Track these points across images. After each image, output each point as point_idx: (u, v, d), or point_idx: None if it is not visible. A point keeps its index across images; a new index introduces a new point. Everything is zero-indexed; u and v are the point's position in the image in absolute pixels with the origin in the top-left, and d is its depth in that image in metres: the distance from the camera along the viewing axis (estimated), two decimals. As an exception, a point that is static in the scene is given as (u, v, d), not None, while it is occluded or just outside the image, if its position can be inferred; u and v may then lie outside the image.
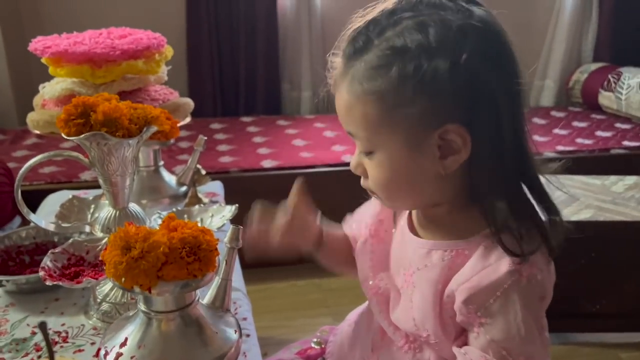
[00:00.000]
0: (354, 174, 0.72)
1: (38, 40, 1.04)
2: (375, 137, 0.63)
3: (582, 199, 1.71)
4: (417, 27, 0.58)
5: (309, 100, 2.90)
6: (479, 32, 0.58)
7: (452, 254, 0.65)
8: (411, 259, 0.69)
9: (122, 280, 0.53)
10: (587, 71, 2.95)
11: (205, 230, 0.57)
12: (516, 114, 0.62)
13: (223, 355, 0.60)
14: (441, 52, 0.57)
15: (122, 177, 0.77)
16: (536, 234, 0.62)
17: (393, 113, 0.60)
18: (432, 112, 0.59)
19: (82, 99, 0.73)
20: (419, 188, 0.65)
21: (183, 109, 1.10)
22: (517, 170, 0.63)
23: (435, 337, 0.66)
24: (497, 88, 0.59)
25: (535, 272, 0.61)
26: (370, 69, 0.60)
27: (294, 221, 0.79)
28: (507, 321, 0.60)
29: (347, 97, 0.63)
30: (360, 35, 0.62)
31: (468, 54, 0.57)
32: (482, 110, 0.59)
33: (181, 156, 2.15)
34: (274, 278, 2.05)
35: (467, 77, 0.58)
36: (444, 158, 0.61)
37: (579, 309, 1.69)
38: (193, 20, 2.71)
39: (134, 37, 1.06)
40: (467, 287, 0.62)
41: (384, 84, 0.59)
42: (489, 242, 0.63)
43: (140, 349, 0.58)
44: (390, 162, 0.63)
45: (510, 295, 0.60)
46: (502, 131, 0.60)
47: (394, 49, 0.59)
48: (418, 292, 0.67)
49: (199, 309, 0.61)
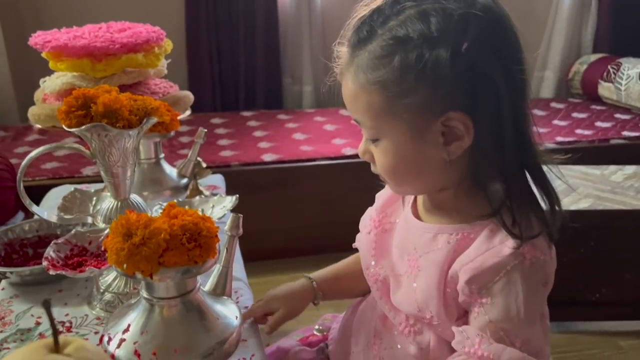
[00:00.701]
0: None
1: (38, 35, 1.05)
2: (380, 125, 0.65)
3: (581, 189, 1.72)
4: (419, 17, 0.60)
5: (311, 94, 2.91)
6: (481, 21, 0.59)
7: (458, 237, 0.66)
8: (416, 244, 0.71)
9: (124, 266, 0.54)
10: (587, 62, 2.95)
11: (206, 218, 0.59)
12: (518, 101, 0.63)
13: (224, 341, 0.61)
14: (442, 41, 0.58)
15: (123, 168, 0.78)
16: (537, 219, 0.64)
17: (396, 102, 0.62)
18: (434, 100, 0.61)
19: (82, 90, 0.74)
20: (424, 173, 0.67)
21: (183, 102, 1.10)
22: (517, 156, 0.64)
23: (438, 318, 0.67)
24: (498, 76, 0.60)
25: (539, 256, 0.63)
26: (374, 59, 0.62)
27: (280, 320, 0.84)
28: (508, 302, 0.62)
29: (352, 86, 0.65)
30: (365, 25, 0.63)
31: (469, 42, 0.58)
32: (483, 98, 0.61)
33: (182, 150, 2.17)
34: (275, 270, 2.07)
35: (468, 66, 0.59)
36: (448, 144, 0.63)
37: (579, 298, 1.70)
38: (192, 14, 2.71)
39: (134, 30, 1.07)
40: (470, 267, 0.63)
41: (387, 74, 0.61)
42: (493, 225, 0.64)
43: (143, 335, 0.59)
44: (395, 149, 0.65)
45: (513, 276, 0.62)
46: (503, 118, 0.61)
47: (396, 38, 0.60)
48: (423, 275, 0.68)
49: (200, 296, 0.62)
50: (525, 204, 0.64)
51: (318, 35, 2.84)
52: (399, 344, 0.75)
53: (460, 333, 0.64)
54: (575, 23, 3.05)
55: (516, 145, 0.63)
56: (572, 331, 1.76)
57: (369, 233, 0.79)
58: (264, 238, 2.10)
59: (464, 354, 0.63)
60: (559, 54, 3.06)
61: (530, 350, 0.61)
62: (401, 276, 0.73)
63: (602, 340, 1.73)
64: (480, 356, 0.61)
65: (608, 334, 1.75)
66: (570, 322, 1.78)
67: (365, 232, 0.80)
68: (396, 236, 0.76)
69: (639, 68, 2.66)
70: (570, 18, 3.01)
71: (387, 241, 0.77)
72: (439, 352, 0.70)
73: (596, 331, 1.76)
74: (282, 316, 0.84)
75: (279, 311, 0.84)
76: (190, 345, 0.59)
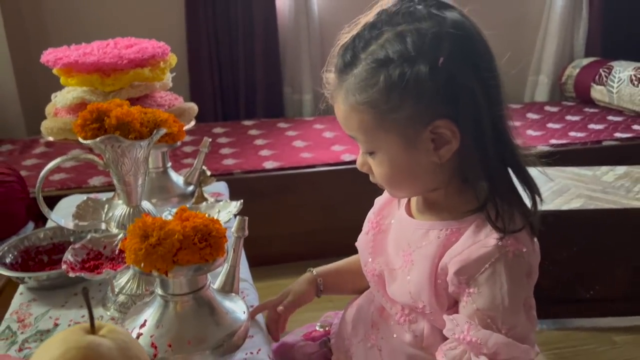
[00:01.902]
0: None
1: (49, 53, 1.10)
2: (373, 140, 0.71)
3: (573, 189, 1.77)
4: (397, 38, 0.66)
5: (311, 102, 2.96)
6: (452, 36, 0.65)
7: (447, 232, 0.72)
8: (410, 240, 0.77)
9: (142, 265, 0.60)
10: (579, 66, 3.01)
11: (215, 220, 0.64)
12: (494, 104, 0.68)
13: (233, 333, 0.67)
14: (420, 59, 0.64)
15: (134, 177, 0.83)
16: (520, 214, 0.70)
17: (385, 118, 0.68)
18: (420, 112, 0.67)
19: (96, 105, 0.79)
20: (419, 178, 0.73)
21: (188, 113, 1.16)
22: (499, 154, 0.70)
23: (430, 307, 0.73)
24: (474, 83, 0.66)
25: (522, 249, 0.68)
26: (361, 82, 0.68)
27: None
28: (493, 292, 0.67)
29: (343, 107, 0.72)
30: (348, 51, 0.70)
31: (445, 57, 0.64)
32: (463, 105, 0.66)
33: (186, 160, 2.22)
34: (278, 274, 2.11)
35: (446, 78, 0.65)
36: (438, 149, 0.69)
37: (573, 295, 1.74)
38: (192, 27, 2.77)
39: (140, 46, 1.12)
40: (458, 259, 0.69)
41: (374, 94, 0.67)
42: (479, 221, 0.70)
43: (159, 329, 0.64)
44: (390, 159, 0.72)
45: (497, 267, 0.67)
46: (482, 121, 0.67)
47: (378, 61, 0.66)
48: (416, 268, 0.74)
49: (210, 292, 0.68)
50: (508, 199, 0.70)
51: (317, 45, 2.90)
52: (395, 333, 0.80)
53: (451, 321, 0.70)
54: (567, 28, 3.11)
55: (496, 144, 0.69)
56: (567, 328, 1.81)
57: (367, 233, 0.86)
58: (266, 243, 2.15)
59: (455, 340, 0.69)
60: (552, 58, 3.12)
61: (515, 336, 0.67)
62: (395, 270, 0.78)
63: (596, 336, 1.77)
64: (469, 341, 0.67)
65: (602, 330, 1.79)
66: (566, 319, 1.83)
67: (364, 232, 0.87)
68: (391, 234, 0.82)
69: (630, 71, 2.72)
70: (562, 23, 3.07)
71: (383, 240, 0.83)
72: (432, 339, 0.76)
73: (591, 327, 1.80)
74: (292, 301, 0.91)
75: (289, 296, 0.91)
76: (202, 338, 0.64)
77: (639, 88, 2.65)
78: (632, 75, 2.69)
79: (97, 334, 0.37)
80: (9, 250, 1.00)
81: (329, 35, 2.93)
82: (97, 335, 0.37)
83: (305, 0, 2.82)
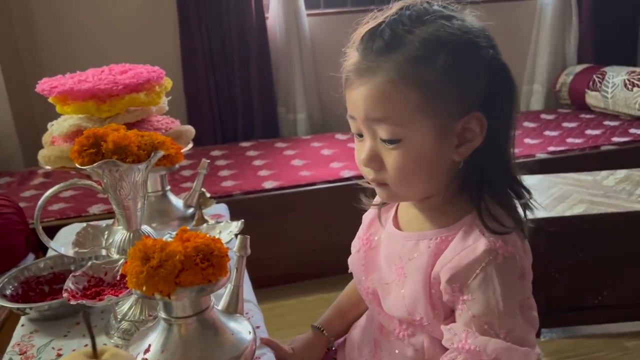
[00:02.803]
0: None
1: (44, 82, 1.10)
2: (407, 124, 0.67)
3: (574, 195, 1.77)
4: (449, 25, 0.66)
5: (305, 121, 2.97)
6: (489, 35, 0.69)
7: (437, 241, 0.72)
8: (400, 253, 0.76)
9: (143, 288, 0.58)
10: (573, 73, 3.03)
11: (216, 239, 0.63)
12: (514, 107, 0.70)
13: (239, 355, 0.65)
14: (473, 47, 0.66)
15: (133, 201, 0.83)
16: (510, 217, 0.70)
17: (431, 101, 0.66)
18: (462, 101, 0.67)
19: (92, 130, 0.79)
20: (435, 175, 0.71)
21: (185, 136, 1.16)
22: (508, 161, 0.71)
23: (427, 319, 0.72)
24: (511, 81, 0.69)
25: (512, 251, 0.68)
26: (412, 59, 0.65)
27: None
28: (487, 296, 0.66)
29: (380, 86, 0.67)
30: (388, 32, 0.67)
31: (493, 50, 0.67)
32: (502, 101, 0.68)
33: (185, 184, 2.22)
34: (282, 295, 2.10)
35: (491, 71, 0.67)
36: (459, 146, 0.69)
37: (581, 302, 1.73)
38: (187, 51, 2.79)
39: (135, 71, 1.13)
40: (449, 267, 0.68)
41: (427, 74, 0.65)
42: (467, 227, 0.70)
43: (164, 353, 0.63)
44: (416, 148, 0.68)
45: (489, 271, 0.66)
46: (509, 121, 0.69)
47: (435, 41, 0.65)
48: (409, 280, 0.73)
49: (214, 313, 0.66)
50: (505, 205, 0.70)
51: (309, 64, 2.92)
52: (397, 348, 0.79)
53: (449, 331, 0.69)
54: (558, 36, 3.13)
55: (508, 152, 0.71)
56: (577, 335, 1.79)
57: (359, 251, 0.85)
58: (268, 264, 2.13)
59: (455, 350, 0.68)
60: (545, 66, 3.14)
61: (514, 339, 0.66)
62: (389, 285, 0.77)
63: (607, 342, 1.75)
64: (468, 350, 0.66)
65: (613, 336, 1.77)
66: (575, 327, 1.81)
67: (355, 250, 0.86)
68: (382, 250, 0.81)
69: (623, 75, 2.73)
70: (553, 32, 3.10)
71: (375, 257, 0.82)
72: (433, 351, 0.75)
73: (601, 334, 1.79)
74: None
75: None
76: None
77: (634, 92, 2.67)
78: (626, 79, 2.71)
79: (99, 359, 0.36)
80: (9, 282, 0.98)
81: (321, 55, 2.96)
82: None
83: (296, 21, 2.84)
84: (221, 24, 2.77)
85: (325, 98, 3.01)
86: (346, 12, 2.95)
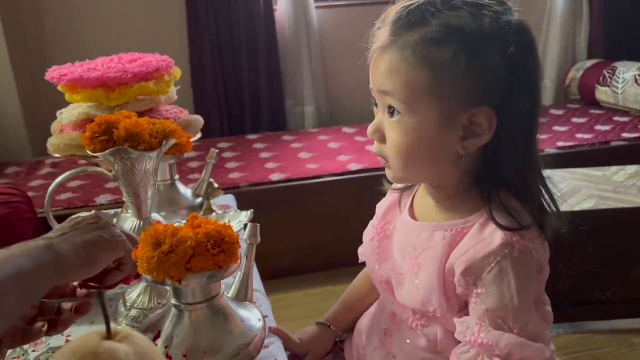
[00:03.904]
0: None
1: (54, 70, 1.10)
2: (414, 101, 0.67)
3: (584, 190, 1.75)
4: (475, 14, 0.65)
5: (313, 114, 2.97)
6: (523, 31, 0.66)
7: (452, 232, 0.71)
8: (415, 243, 0.75)
9: (154, 274, 0.58)
10: (582, 68, 3.01)
11: (227, 226, 0.63)
12: (536, 108, 0.69)
13: (249, 342, 0.65)
14: (494, 41, 0.65)
15: (144, 189, 0.82)
16: (528, 213, 0.68)
17: (441, 83, 0.65)
18: (472, 91, 0.66)
19: (104, 117, 0.79)
20: (435, 162, 0.70)
21: (194, 125, 1.15)
22: (526, 159, 0.69)
23: (441, 310, 0.71)
24: (531, 82, 0.67)
25: (528, 245, 0.66)
26: (429, 40, 0.65)
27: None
28: (501, 290, 0.66)
29: (394, 59, 0.67)
30: (416, 11, 0.67)
31: (514, 46, 0.65)
32: (516, 98, 0.66)
33: (192, 175, 2.22)
34: (288, 288, 2.10)
35: (509, 67, 0.65)
36: (465, 139, 0.67)
37: (589, 297, 1.72)
38: (195, 43, 2.79)
39: (144, 60, 1.12)
40: (464, 259, 0.67)
41: (438, 56, 0.65)
42: (484, 219, 0.69)
43: (173, 339, 0.63)
44: (417, 128, 0.68)
45: (504, 265, 0.66)
46: (526, 121, 0.67)
47: (454, 28, 0.65)
48: (423, 271, 0.72)
49: (224, 300, 0.66)
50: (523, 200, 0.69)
51: (317, 57, 2.92)
52: (408, 338, 0.79)
53: (461, 323, 0.68)
54: (569, 31, 3.11)
55: (527, 151, 0.69)
56: (585, 331, 1.78)
57: (372, 240, 0.84)
58: (275, 256, 2.13)
59: (467, 344, 0.67)
60: (555, 61, 3.12)
61: (528, 335, 0.65)
62: (403, 275, 0.77)
63: (615, 338, 1.75)
64: (480, 343, 0.65)
65: (621, 332, 1.77)
66: (582, 322, 1.80)
67: (368, 239, 0.85)
68: (396, 239, 0.81)
69: (634, 71, 2.71)
70: (564, 26, 3.08)
71: (389, 246, 0.82)
72: (447, 342, 0.74)
73: (609, 329, 1.78)
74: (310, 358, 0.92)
75: (307, 356, 0.91)
76: (217, 347, 0.63)
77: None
78: (637, 75, 2.68)
79: (113, 339, 0.36)
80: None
81: (329, 48, 2.95)
82: (113, 341, 0.36)
83: (305, 13, 2.83)
84: (229, 15, 2.76)
85: (333, 91, 3.01)
86: (354, 5, 2.94)
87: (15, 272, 0.51)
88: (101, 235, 0.62)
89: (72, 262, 0.58)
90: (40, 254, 0.55)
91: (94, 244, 0.61)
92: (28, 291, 0.53)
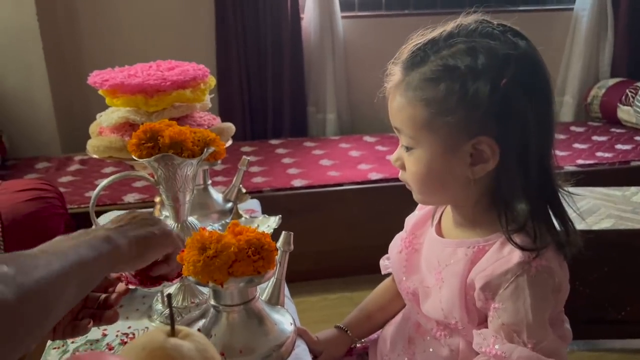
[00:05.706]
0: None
1: (96, 74, 1.15)
2: (418, 136, 0.74)
3: (603, 209, 1.77)
4: (469, 51, 0.69)
5: (334, 122, 3.01)
6: (520, 63, 0.69)
7: (474, 250, 0.75)
8: (439, 258, 0.79)
9: (199, 276, 0.63)
10: (605, 86, 3.01)
11: (265, 234, 0.67)
12: (544, 136, 0.72)
13: (281, 345, 0.69)
14: (485, 75, 0.68)
15: (183, 194, 0.87)
16: (546, 234, 0.72)
17: (437, 118, 0.71)
18: (469, 123, 0.70)
19: (149, 125, 0.83)
20: (448, 187, 0.76)
21: (226, 132, 1.20)
22: (538, 182, 0.72)
23: (462, 323, 0.75)
24: (528, 112, 0.69)
25: (545, 264, 0.70)
26: (424, 80, 0.71)
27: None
28: (516, 307, 0.69)
29: (400, 99, 0.75)
30: (419, 51, 0.73)
31: (508, 79, 0.68)
32: (512, 129, 0.70)
33: (216, 178, 2.27)
34: (305, 292, 2.13)
35: (503, 99, 0.68)
36: (474, 165, 0.72)
37: (604, 316, 1.73)
38: (222, 49, 2.85)
39: (182, 68, 1.17)
40: (483, 275, 0.72)
41: (433, 94, 0.70)
42: (504, 238, 0.73)
43: (211, 338, 0.67)
44: (427, 159, 0.74)
45: (520, 282, 0.69)
46: (529, 148, 0.70)
47: (446, 66, 0.70)
48: (446, 286, 0.77)
49: (259, 304, 0.70)
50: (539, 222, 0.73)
51: (341, 66, 2.96)
52: (431, 347, 0.83)
53: (479, 335, 0.72)
54: (593, 49, 3.12)
55: (537, 173, 0.72)
56: (599, 349, 1.79)
57: (400, 252, 0.88)
58: (293, 261, 2.15)
59: (483, 355, 0.71)
60: (577, 78, 3.12)
61: (543, 351, 0.68)
62: (429, 288, 0.81)
63: (629, 357, 1.76)
64: (494, 355, 0.69)
65: (634, 352, 1.78)
66: (597, 340, 1.81)
67: (397, 251, 0.89)
68: (424, 253, 0.85)
69: (657, 91, 2.71)
70: (588, 44, 3.08)
71: (417, 259, 0.86)
72: (468, 354, 0.78)
73: (622, 348, 1.79)
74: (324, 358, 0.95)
75: (322, 354, 0.94)
76: (252, 347, 0.67)
77: (667, 108, 2.64)
78: (660, 95, 2.68)
79: (177, 337, 0.40)
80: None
81: (353, 57, 2.99)
82: (177, 338, 0.40)
83: (331, 22, 2.88)
84: (257, 23, 2.82)
85: (355, 99, 3.04)
86: (380, 16, 2.98)
87: (78, 261, 0.54)
88: (153, 232, 0.67)
89: (127, 255, 0.62)
90: (100, 245, 0.59)
91: (146, 239, 0.65)
92: (87, 280, 0.57)
